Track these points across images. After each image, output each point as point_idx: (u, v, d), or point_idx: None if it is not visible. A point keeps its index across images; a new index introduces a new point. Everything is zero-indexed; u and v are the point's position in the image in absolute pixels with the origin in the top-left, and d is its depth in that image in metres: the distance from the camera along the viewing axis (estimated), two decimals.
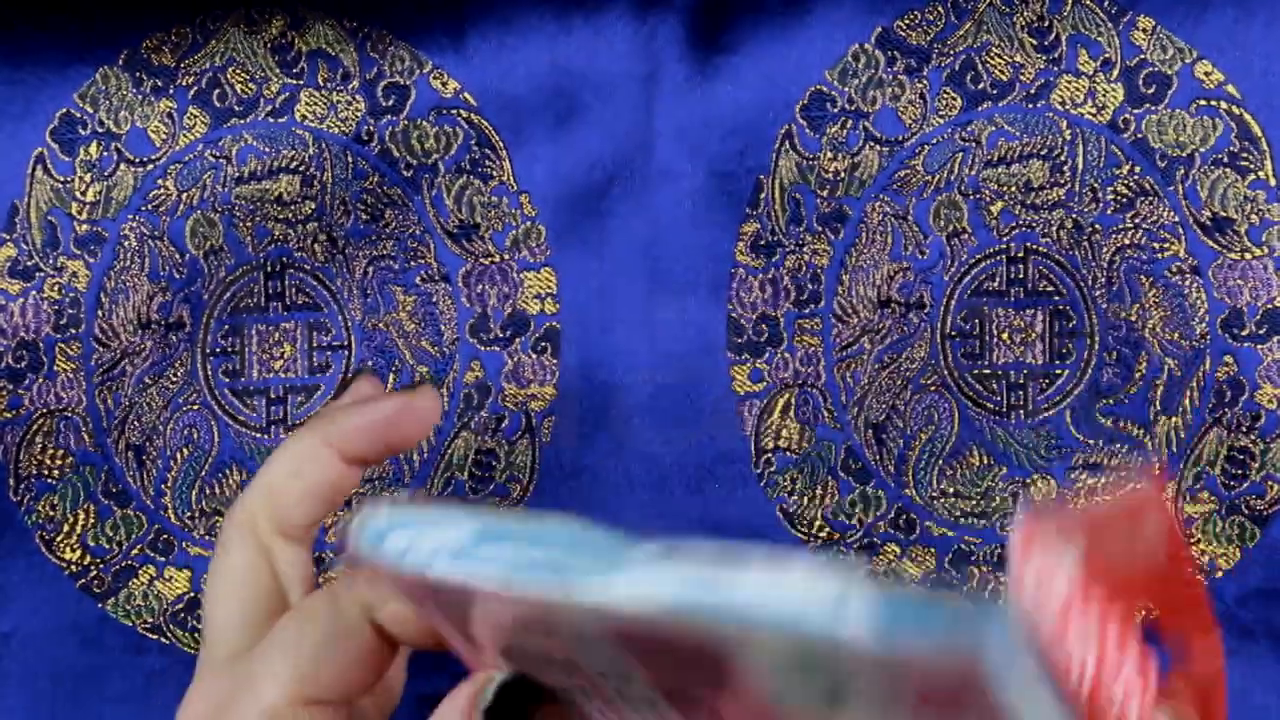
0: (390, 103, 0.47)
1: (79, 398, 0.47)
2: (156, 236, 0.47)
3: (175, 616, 0.47)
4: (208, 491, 0.47)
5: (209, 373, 0.47)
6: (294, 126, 0.47)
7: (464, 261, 0.47)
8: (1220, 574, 0.46)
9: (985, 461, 0.48)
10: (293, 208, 0.47)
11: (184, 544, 0.47)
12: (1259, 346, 0.46)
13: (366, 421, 0.35)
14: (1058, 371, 0.47)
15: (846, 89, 0.47)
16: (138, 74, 0.47)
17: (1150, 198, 0.46)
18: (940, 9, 0.46)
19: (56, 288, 0.47)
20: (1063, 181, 0.46)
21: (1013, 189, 0.46)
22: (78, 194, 0.47)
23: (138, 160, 0.47)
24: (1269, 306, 0.46)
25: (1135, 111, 0.46)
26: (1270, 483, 0.46)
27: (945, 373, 0.47)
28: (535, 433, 0.47)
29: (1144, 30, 0.46)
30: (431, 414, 0.36)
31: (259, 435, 0.47)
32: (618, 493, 0.47)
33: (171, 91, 0.47)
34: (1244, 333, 0.46)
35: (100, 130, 0.47)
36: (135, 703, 0.48)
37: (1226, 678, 0.37)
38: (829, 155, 0.47)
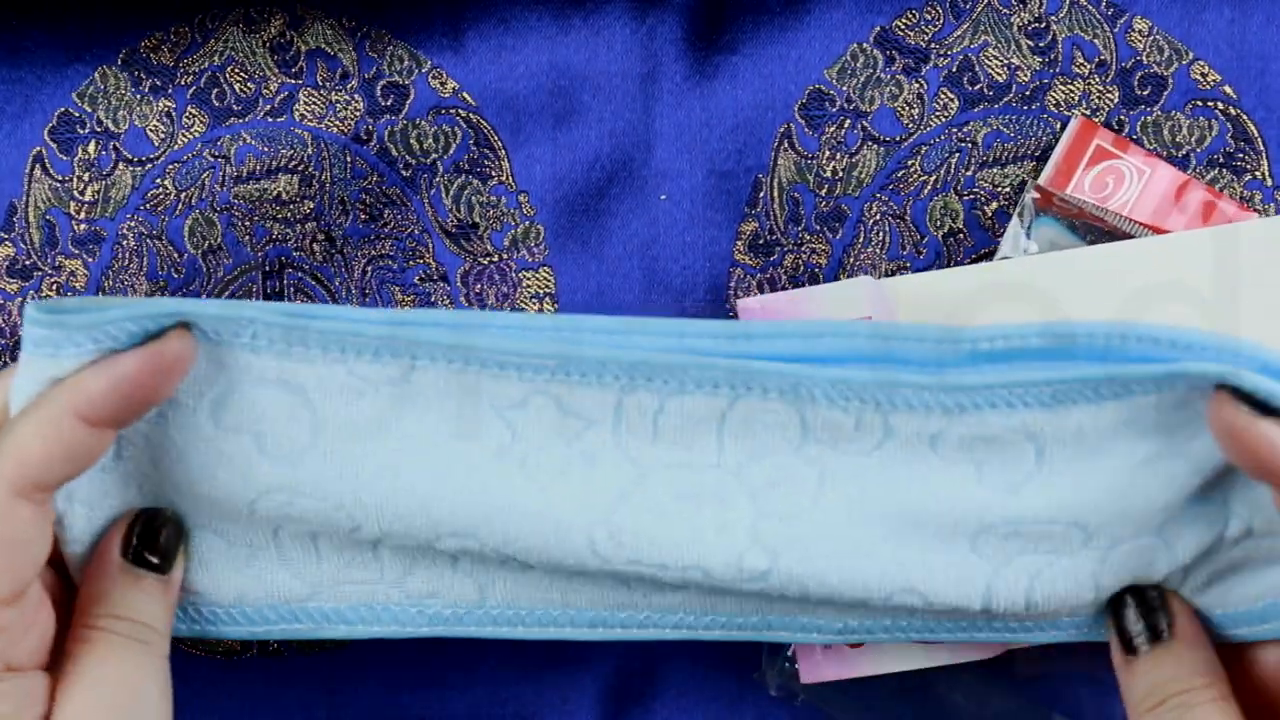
0: (389, 102, 0.47)
1: None
2: (155, 236, 0.47)
3: None
4: None
5: None
6: (293, 126, 0.47)
7: (462, 261, 0.47)
8: None
9: None
10: (291, 207, 0.47)
11: None
12: None
13: (109, 383, 0.34)
14: None
15: (845, 88, 0.47)
16: (136, 73, 0.47)
17: None
18: (938, 9, 0.47)
19: (55, 287, 0.47)
20: None
21: (1006, 190, 0.47)
22: (76, 193, 0.47)
23: (136, 159, 0.47)
24: None
25: (1131, 113, 0.46)
26: None
27: None
28: None
29: (1140, 31, 0.47)
30: (183, 359, 0.35)
31: None
32: None
33: (170, 91, 0.47)
34: None
35: (99, 129, 0.47)
36: None
37: None
38: (827, 154, 0.47)
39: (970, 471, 0.37)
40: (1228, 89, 0.46)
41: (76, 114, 0.47)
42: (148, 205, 0.47)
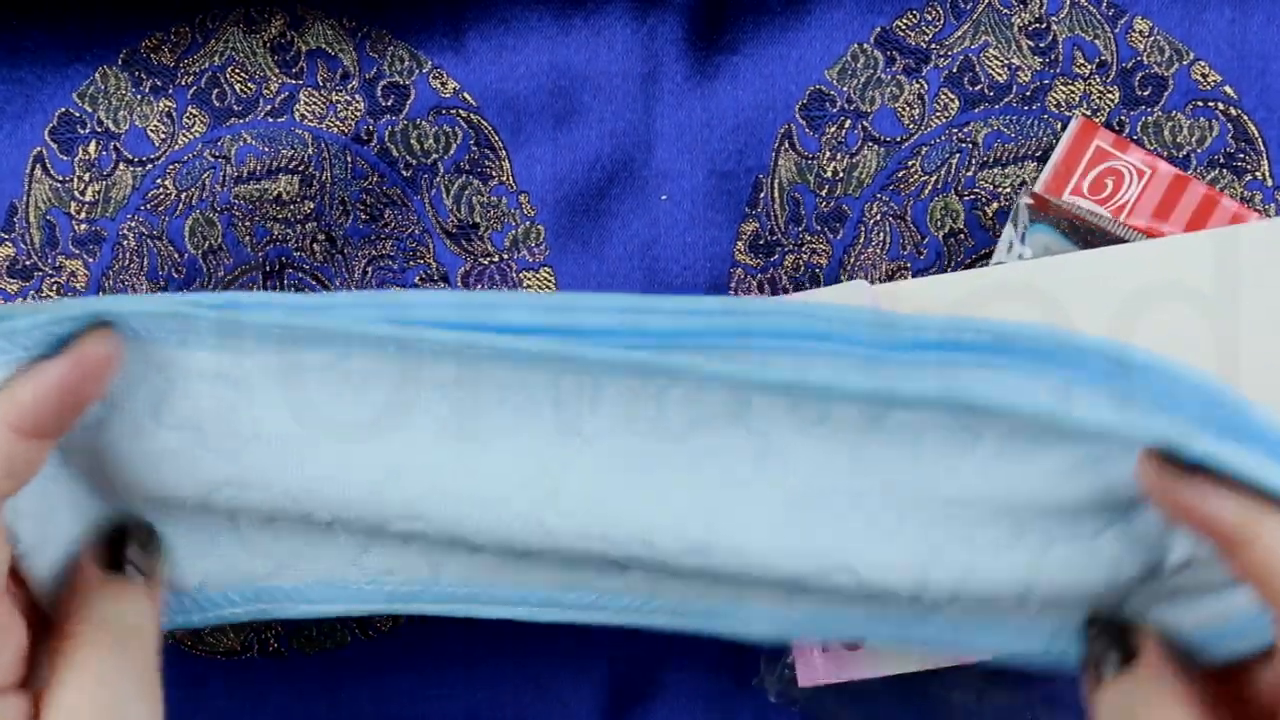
0: (389, 102, 0.47)
1: None
2: (155, 236, 0.47)
3: None
4: None
5: None
6: (293, 126, 0.47)
7: (463, 261, 0.47)
8: None
9: None
10: (292, 207, 0.47)
11: None
12: None
13: (37, 393, 0.33)
14: None
15: (846, 88, 0.47)
16: (137, 73, 0.47)
17: None
18: (939, 9, 0.47)
19: (55, 287, 0.47)
20: None
21: (1007, 190, 0.47)
22: (76, 193, 0.47)
23: (137, 160, 0.47)
24: None
25: (1131, 113, 0.46)
26: None
27: None
28: None
29: (1140, 32, 0.47)
30: (108, 358, 0.34)
31: None
32: None
33: (171, 91, 0.47)
34: None
35: (99, 130, 0.47)
36: None
37: None
38: (828, 155, 0.47)
39: (907, 452, 0.37)
40: (1228, 89, 0.46)
41: (77, 114, 0.47)
42: (148, 205, 0.47)
